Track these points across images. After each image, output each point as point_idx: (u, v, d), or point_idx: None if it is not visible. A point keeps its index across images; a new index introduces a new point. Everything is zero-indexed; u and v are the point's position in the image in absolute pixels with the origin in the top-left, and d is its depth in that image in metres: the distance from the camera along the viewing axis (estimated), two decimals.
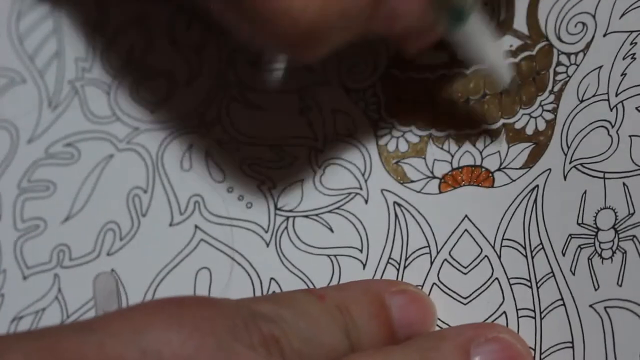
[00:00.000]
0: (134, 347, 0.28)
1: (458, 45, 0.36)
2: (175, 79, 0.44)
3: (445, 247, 0.37)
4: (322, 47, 0.35)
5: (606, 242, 0.35)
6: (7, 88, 0.47)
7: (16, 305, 0.42)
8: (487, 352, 0.33)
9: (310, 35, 0.34)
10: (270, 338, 0.31)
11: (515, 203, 0.37)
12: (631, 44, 0.37)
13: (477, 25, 0.36)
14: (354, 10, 0.34)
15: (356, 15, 0.34)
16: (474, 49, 0.36)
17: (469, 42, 0.36)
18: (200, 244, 0.41)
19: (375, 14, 0.35)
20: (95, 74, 0.46)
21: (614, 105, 0.36)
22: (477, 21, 0.36)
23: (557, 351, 0.34)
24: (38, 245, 0.43)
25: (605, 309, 0.34)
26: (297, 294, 0.34)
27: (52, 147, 0.45)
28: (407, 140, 0.40)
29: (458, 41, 0.36)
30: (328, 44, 0.35)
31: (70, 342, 0.28)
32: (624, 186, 0.35)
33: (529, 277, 0.36)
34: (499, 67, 0.37)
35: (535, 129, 0.38)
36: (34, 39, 0.48)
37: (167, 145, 0.43)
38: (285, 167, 0.41)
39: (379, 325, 0.34)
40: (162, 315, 0.29)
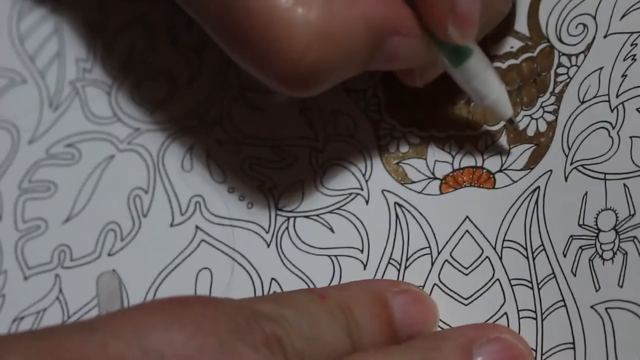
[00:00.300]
0: (136, 347, 0.28)
1: (460, 81, 0.37)
2: (176, 80, 0.44)
3: (446, 248, 0.37)
4: (321, 87, 0.35)
5: (607, 243, 0.35)
6: (8, 88, 0.47)
7: (17, 306, 0.42)
8: (489, 353, 0.33)
9: (310, 77, 0.34)
10: (272, 338, 0.31)
11: (517, 204, 0.37)
12: (632, 45, 0.37)
13: (479, 62, 0.36)
14: (353, 53, 0.34)
15: (356, 58, 0.35)
16: (476, 85, 0.36)
17: (471, 79, 0.36)
18: (201, 244, 0.41)
19: (376, 55, 0.35)
20: (96, 74, 0.46)
21: (615, 107, 0.36)
22: (478, 58, 0.36)
23: (558, 352, 0.34)
24: (39, 246, 0.43)
25: (607, 309, 0.34)
26: (299, 294, 0.34)
27: (53, 148, 0.45)
28: (408, 141, 0.40)
29: (460, 78, 0.37)
30: (327, 84, 0.35)
31: (72, 342, 0.28)
32: (624, 187, 0.35)
33: (530, 278, 0.36)
34: (501, 102, 0.37)
35: (536, 130, 0.38)
36: (34, 39, 0.48)
37: (168, 146, 0.43)
38: (286, 168, 0.41)
39: (381, 325, 0.34)
40: (164, 314, 0.29)
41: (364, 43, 0.34)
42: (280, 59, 0.34)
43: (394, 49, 0.35)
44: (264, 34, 0.33)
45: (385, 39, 0.35)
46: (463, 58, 0.36)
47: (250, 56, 0.35)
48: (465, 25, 0.35)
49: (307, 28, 0.33)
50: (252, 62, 0.35)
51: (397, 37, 0.35)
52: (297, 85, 0.35)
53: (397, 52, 0.35)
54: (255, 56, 0.34)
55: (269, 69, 0.34)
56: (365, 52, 0.35)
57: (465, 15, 0.34)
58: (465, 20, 0.34)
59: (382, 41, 0.35)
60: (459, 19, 0.34)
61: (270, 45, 0.33)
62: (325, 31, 0.33)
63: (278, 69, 0.34)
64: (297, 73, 0.34)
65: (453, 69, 0.36)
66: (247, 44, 0.34)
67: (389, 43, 0.35)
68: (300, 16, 0.33)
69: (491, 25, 0.38)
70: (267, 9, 0.33)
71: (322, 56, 0.34)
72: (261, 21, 0.33)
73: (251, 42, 0.34)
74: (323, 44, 0.33)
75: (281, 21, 0.33)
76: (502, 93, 0.37)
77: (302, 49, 0.33)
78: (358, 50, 0.34)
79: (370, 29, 0.34)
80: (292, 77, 0.34)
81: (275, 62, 0.34)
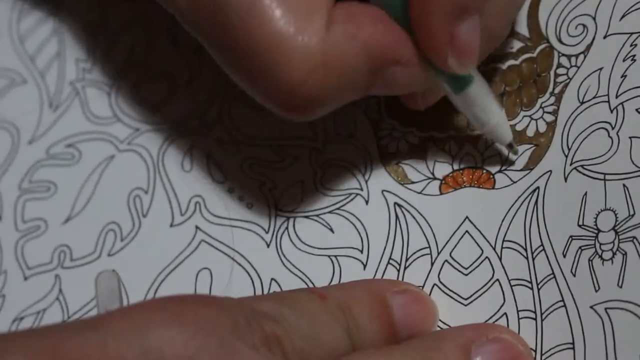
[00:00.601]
0: (136, 346, 0.28)
1: (460, 107, 0.37)
2: (176, 80, 0.44)
3: (446, 248, 0.37)
4: (320, 113, 0.35)
5: (607, 243, 0.35)
6: (8, 89, 0.47)
7: (17, 306, 0.42)
8: (488, 352, 0.33)
9: (308, 104, 0.34)
10: (272, 337, 0.31)
11: (516, 205, 0.37)
12: (631, 45, 0.37)
13: (479, 88, 0.36)
14: (353, 82, 0.35)
15: (355, 86, 0.35)
16: (477, 111, 0.37)
17: (471, 105, 0.36)
18: (201, 244, 0.41)
19: (375, 82, 0.35)
20: (96, 74, 0.46)
21: (614, 107, 0.37)
22: (479, 84, 0.36)
23: (557, 352, 0.34)
24: (39, 246, 0.43)
25: (606, 310, 0.34)
26: (299, 293, 0.34)
27: (53, 148, 0.45)
28: (408, 141, 0.40)
29: (460, 104, 0.37)
30: (326, 110, 0.36)
31: (72, 341, 0.28)
32: (624, 188, 0.35)
33: (529, 278, 0.36)
34: (501, 128, 0.37)
35: (536, 131, 0.38)
36: (34, 39, 0.48)
37: (168, 146, 0.43)
38: (286, 168, 0.41)
39: (381, 325, 0.34)
40: (164, 313, 0.29)
41: (363, 72, 0.34)
42: (280, 87, 0.34)
43: (393, 77, 0.35)
44: (264, 61, 0.34)
45: (385, 68, 0.35)
46: (464, 85, 0.36)
47: (250, 81, 0.35)
48: (464, 56, 0.35)
49: (307, 57, 0.33)
50: (251, 87, 0.35)
51: (397, 66, 0.35)
52: (296, 111, 0.35)
53: (397, 79, 0.35)
54: (255, 82, 0.35)
55: (268, 95, 0.35)
56: (364, 81, 0.35)
57: (465, 46, 0.34)
58: (464, 51, 0.34)
59: (382, 70, 0.35)
60: (459, 50, 0.34)
61: (269, 73, 0.34)
62: (325, 60, 0.33)
63: (277, 96, 0.34)
64: (296, 100, 0.34)
65: (453, 95, 0.36)
66: (247, 70, 0.35)
67: (389, 71, 0.35)
68: (300, 45, 0.33)
69: (491, 49, 0.38)
70: (268, 36, 0.33)
71: (322, 85, 0.34)
72: (261, 48, 0.33)
73: (251, 68, 0.34)
74: (322, 73, 0.34)
75: (281, 49, 0.33)
76: (502, 119, 0.37)
77: (301, 77, 0.33)
78: (357, 79, 0.35)
79: (370, 58, 0.34)
80: (291, 104, 0.34)
81: (275, 89, 0.34)
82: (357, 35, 0.34)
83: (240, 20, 0.34)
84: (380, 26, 0.34)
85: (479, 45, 0.35)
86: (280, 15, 0.33)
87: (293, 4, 0.33)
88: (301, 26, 0.33)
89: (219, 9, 0.34)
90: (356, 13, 0.34)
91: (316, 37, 0.33)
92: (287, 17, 0.33)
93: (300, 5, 0.34)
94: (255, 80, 0.35)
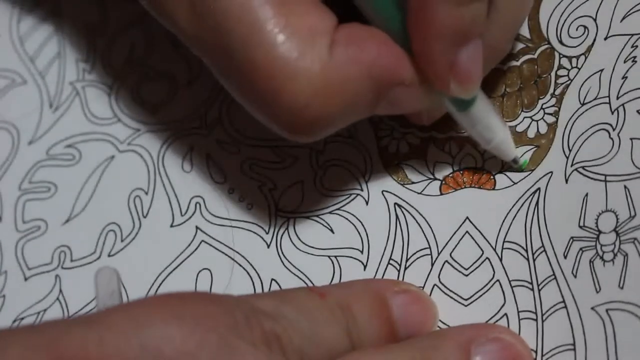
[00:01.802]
0: (135, 342, 0.28)
1: (465, 125, 0.37)
2: (176, 80, 0.44)
3: (446, 249, 0.37)
4: (324, 134, 0.36)
5: (607, 244, 0.35)
6: (8, 89, 0.47)
7: (17, 307, 0.42)
8: (488, 352, 0.33)
9: (312, 127, 0.35)
10: (271, 335, 0.31)
11: (517, 205, 0.37)
12: (632, 47, 0.37)
13: (482, 107, 0.36)
14: (356, 105, 0.35)
15: (359, 108, 0.35)
16: (481, 129, 0.37)
17: (476, 123, 0.37)
18: (201, 245, 0.41)
19: (379, 103, 0.35)
20: (96, 75, 0.46)
21: (615, 109, 0.36)
22: (482, 103, 0.36)
23: (558, 353, 0.34)
24: (39, 247, 0.43)
25: (607, 311, 0.34)
26: (299, 292, 0.34)
27: (53, 149, 0.45)
28: (408, 141, 0.40)
29: (465, 122, 0.37)
30: (330, 132, 0.36)
31: (71, 337, 0.28)
32: (625, 189, 0.35)
33: (530, 279, 0.36)
34: (505, 145, 0.37)
35: (537, 132, 0.38)
36: (35, 40, 0.48)
37: (168, 147, 0.43)
38: (286, 168, 0.41)
39: (380, 324, 0.34)
40: (163, 310, 0.29)
41: (367, 94, 0.34)
42: (283, 111, 0.34)
43: (397, 98, 0.35)
44: (268, 85, 0.34)
45: (388, 89, 0.35)
46: (467, 105, 0.36)
47: (254, 104, 0.35)
48: (467, 82, 0.35)
49: (309, 81, 0.33)
50: (255, 110, 0.35)
51: (401, 87, 0.35)
52: (299, 133, 0.35)
53: (401, 100, 0.35)
54: (259, 105, 0.35)
55: (271, 118, 0.35)
56: (368, 102, 0.35)
57: (467, 72, 0.34)
58: (466, 77, 0.35)
59: (385, 92, 0.35)
60: (461, 76, 0.34)
61: (273, 97, 0.34)
62: (328, 84, 0.34)
63: (281, 119, 0.35)
64: (300, 124, 0.34)
65: (457, 114, 0.36)
66: (250, 93, 0.35)
67: (392, 93, 0.35)
68: (303, 69, 0.33)
69: (494, 64, 0.38)
70: (271, 61, 0.33)
71: (324, 109, 0.34)
72: (264, 73, 0.34)
73: (254, 92, 0.34)
74: (325, 97, 0.34)
75: (284, 74, 0.33)
76: (506, 136, 0.37)
77: (304, 101, 0.34)
78: (361, 101, 0.35)
79: (373, 80, 0.34)
80: (295, 127, 0.35)
81: (278, 112, 0.34)
82: (359, 58, 0.34)
83: (243, 44, 0.34)
84: (383, 48, 0.34)
85: (481, 69, 0.35)
86: (283, 40, 0.33)
87: (295, 29, 0.34)
88: (304, 50, 0.33)
89: (221, 32, 0.34)
90: (358, 35, 0.34)
91: (319, 61, 0.33)
92: (289, 41, 0.33)
93: (303, 29, 0.34)
94: (258, 104, 0.35)
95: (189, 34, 0.36)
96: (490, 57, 0.37)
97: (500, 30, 0.36)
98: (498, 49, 0.37)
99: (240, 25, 0.34)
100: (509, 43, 0.38)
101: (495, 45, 0.37)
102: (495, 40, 0.36)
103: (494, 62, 0.38)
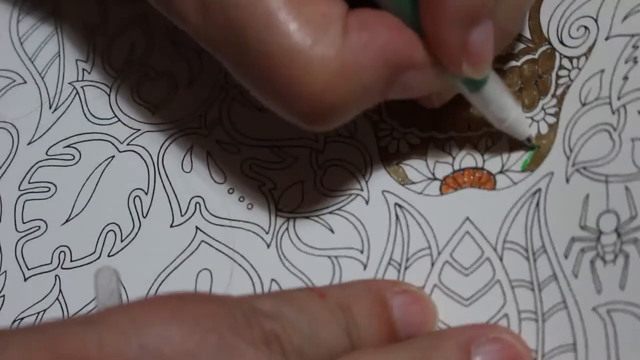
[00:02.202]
0: (135, 342, 0.28)
1: (478, 105, 0.37)
2: (176, 80, 0.44)
3: (446, 249, 0.37)
4: (340, 122, 0.36)
5: (609, 245, 0.34)
6: (8, 89, 0.47)
7: (17, 307, 0.42)
8: (488, 352, 0.33)
9: (329, 114, 0.35)
10: (271, 335, 0.31)
11: (518, 206, 0.37)
12: (633, 47, 0.37)
13: (494, 87, 0.36)
14: (371, 89, 0.35)
15: (374, 93, 0.35)
16: (494, 109, 0.37)
17: (489, 104, 0.37)
18: (201, 245, 0.41)
19: (393, 87, 0.35)
20: (95, 75, 0.46)
21: (616, 109, 0.36)
22: (494, 83, 0.36)
23: (559, 354, 0.34)
24: (39, 247, 0.43)
25: (608, 312, 0.34)
26: (299, 292, 0.34)
27: (52, 149, 0.45)
28: (408, 141, 0.40)
29: (478, 103, 0.37)
30: (346, 119, 0.36)
31: (70, 337, 0.28)
32: (626, 189, 0.35)
33: (531, 279, 0.36)
34: (519, 123, 0.37)
35: (538, 133, 0.38)
36: (35, 40, 0.48)
37: (168, 147, 0.43)
38: (285, 168, 0.41)
39: (380, 324, 0.34)
40: (163, 310, 0.29)
41: (381, 78, 0.34)
42: (301, 99, 0.34)
43: (410, 81, 0.35)
44: (283, 75, 0.34)
45: (401, 73, 0.35)
46: (479, 85, 0.36)
47: (271, 95, 0.35)
48: (478, 62, 0.35)
49: (325, 68, 0.33)
50: (272, 101, 0.35)
51: (413, 70, 0.35)
52: (317, 121, 0.35)
53: (413, 83, 0.35)
54: (276, 96, 0.35)
55: (289, 108, 0.35)
56: (382, 87, 0.35)
57: (478, 53, 0.34)
58: (478, 57, 0.35)
59: (398, 75, 0.35)
60: (472, 57, 0.34)
61: (290, 86, 0.34)
62: (343, 70, 0.34)
63: (298, 108, 0.35)
64: (317, 111, 0.34)
65: (470, 95, 0.37)
66: (266, 84, 0.35)
67: (405, 76, 0.35)
68: (318, 56, 0.33)
69: (505, 45, 0.38)
70: (286, 51, 0.33)
71: (341, 94, 0.34)
72: (280, 63, 0.34)
73: (271, 82, 0.34)
74: (342, 83, 0.34)
75: (300, 62, 0.33)
76: (520, 115, 0.37)
77: (321, 88, 0.34)
78: (376, 85, 0.35)
79: (387, 64, 0.34)
80: (312, 115, 0.35)
81: (296, 101, 0.34)
82: (372, 42, 0.34)
83: (256, 36, 0.34)
84: (394, 32, 0.34)
85: (492, 49, 0.35)
86: (296, 29, 0.33)
87: (308, 17, 0.34)
88: (317, 38, 0.33)
89: (233, 25, 0.34)
90: (370, 20, 0.34)
91: (333, 47, 0.33)
92: (303, 30, 0.33)
93: (316, 17, 0.34)
94: (275, 95, 0.35)
95: (200, 30, 0.36)
96: (501, 38, 0.36)
97: (510, 11, 0.36)
98: (507, 30, 0.37)
99: (252, 17, 0.34)
100: (519, 24, 0.38)
101: (505, 26, 0.36)
102: (504, 21, 0.36)
103: (504, 43, 0.38)
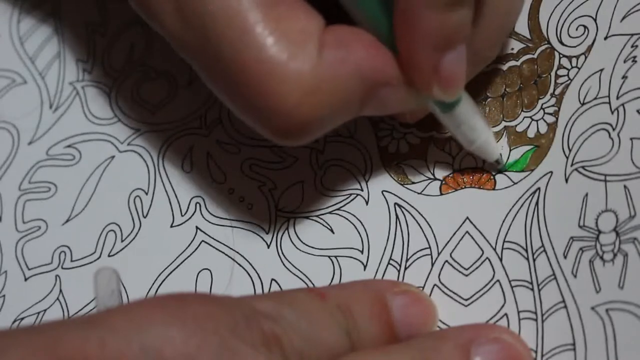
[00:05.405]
0: (135, 343, 0.28)
1: (449, 126, 0.37)
2: (176, 80, 0.44)
3: (446, 249, 0.37)
4: (313, 137, 0.36)
5: (607, 244, 0.34)
6: (8, 89, 0.47)
7: (17, 307, 0.42)
8: (488, 353, 0.33)
9: (301, 130, 0.35)
10: (271, 336, 0.31)
11: (517, 205, 0.37)
12: (632, 46, 0.37)
13: (466, 108, 0.37)
14: (345, 106, 0.35)
15: (347, 109, 0.35)
16: (465, 130, 0.37)
17: (460, 124, 0.37)
18: (201, 245, 0.41)
19: (367, 104, 0.35)
20: (96, 75, 0.46)
21: (615, 108, 0.36)
22: (466, 104, 0.36)
23: (558, 353, 0.34)
24: (39, 247, 0.43)
25: (607, 311, 0.34)
26: (299, 293, 0.34)
27: (53, 149, 0.45)
28: (408, 141, 0.40)
29: (449, 123, 0.37)
30: (318, 134, 0.36)
31: (71, 338, 0.28)
32: (625, 189, 0.35)
33: (530, 279, 0.36)
34: (488, 146, 0.38)
35: (537, 132, 0.38)
36: (35, 40, 0.48)
37: (168, 147, 0.43)
38: (286, 168, 0.41)
39: (380, 325, 0.34)
40: (164, 311, 0.29)
41: (355, 95, 0.35)
42: (272, 113, 0.34)
43: (384, 98, 0.35)
44: (256, 87, 0.34)
45: (376, 90, 0.35)
46: (451, 107, 0.36)
47: (244, 108, 0.35)
48: (450, 86, 0.35)
49: (300, 83, 0.33)
50: (245, 114, 0.35)
51: (388, 87, 0.35)
52: (290, 137, 0.35)
53: (387, 100, 0.35)
54: (249, 109, 0.35)
55: (262, 122, 0.35)
56: (357, 103, 0.35)
57: (450, 77, 0.34)
58: (450, 81, 0.35)
59: (373, 92, 0.35)
60: (444, 80, 0.34)
61: (262, 99, 0.34)
62: (318, 85, 0.34)
63: (271, 123, 0.34)
64: (290, 126, 0.34)
65: (441, 115, 0.37)
66: (240, 97, 0.35)
67: (379, 93, 0.35)
68: (294, 71, 0.33)
69: (479, 69, 0.38)
70: (260, 63, 0.33)
71: (314, 110, 0.34)
72: (254, 75, 0.33)
73: (244, 95, 0.34)
74: (315, 99, 0.34)
75: (274, 76, 0.33)
76: (489, 137, 0.37)
77: (294, 103, 0.33)
78: (350, 102, 0.35)
79: (362, 81, 0.34)
80: (285, 130, 0.35)
81: (267, 115, 0.34)
82: (348, 59, 0.34)
83: (232, 47, 0.34)
84: (370, 49, 0.34)
85: (464, 73, 0.35)
86: (273, 43, 0.33)
87: (286, 31, 0.34)
88: (294, 53, 0.33)
89: (209, 35, 0.34)
90: (346, 37, 0.34)
91: (309, 62, 0.33)
92: (279, 44, 0.33)
93: (293, 32, 0.34)
94: (248, 108, 0.35)
95: (176, 36, 0.36)
96: (475, 63, 0.37)
97: (486, 37, 0.36)
98: (483, 55, 0.37)
99: (229, 29, 0.34)
100: (495, 49, 0.38)
101: (481, 51, 0.37)
102: (480, 46, 0.36)
103: (479, 67, 0.38)
